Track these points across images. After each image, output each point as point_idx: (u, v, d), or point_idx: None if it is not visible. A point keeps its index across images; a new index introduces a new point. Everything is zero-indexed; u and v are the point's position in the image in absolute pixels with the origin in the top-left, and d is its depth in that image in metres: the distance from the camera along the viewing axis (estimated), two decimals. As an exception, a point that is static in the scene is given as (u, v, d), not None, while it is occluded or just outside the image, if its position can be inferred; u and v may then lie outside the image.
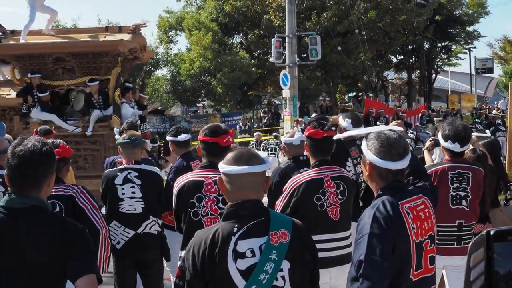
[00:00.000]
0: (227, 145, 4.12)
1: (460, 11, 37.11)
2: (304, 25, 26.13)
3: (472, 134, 5.40)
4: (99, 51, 12.56)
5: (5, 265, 2.53)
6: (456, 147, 4.50)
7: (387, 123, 18.07)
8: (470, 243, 1.79)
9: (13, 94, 12.30)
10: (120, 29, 12.98)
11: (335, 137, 4.07)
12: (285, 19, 21.14)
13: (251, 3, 28.60)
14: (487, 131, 7.81)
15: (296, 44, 20.64)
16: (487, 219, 5.14)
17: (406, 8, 28.61)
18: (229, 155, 2.70)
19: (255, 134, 18.59)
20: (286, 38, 20.15)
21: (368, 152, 2.91)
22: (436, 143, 8.66)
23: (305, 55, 23.09)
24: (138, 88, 14.10)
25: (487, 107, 32.44)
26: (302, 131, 6.45)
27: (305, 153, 4.79)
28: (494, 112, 26.08)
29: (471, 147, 6.31)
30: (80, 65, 12.48)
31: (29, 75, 12.00)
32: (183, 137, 5.77)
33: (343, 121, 5.48)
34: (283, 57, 20.41)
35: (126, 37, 12.55)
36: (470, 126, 5.90)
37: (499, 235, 1.59)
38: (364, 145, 2.97)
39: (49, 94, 12.08)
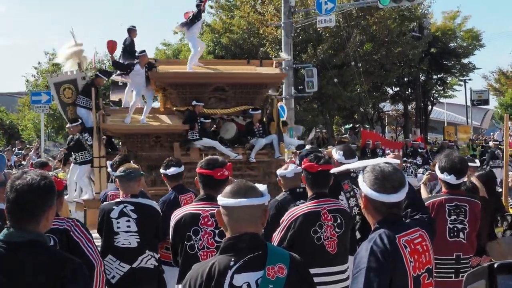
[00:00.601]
0: (223, 179, 4.10)
1: (455, 44, 37.49)
2: (301, 57, 26.34)
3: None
4: (261, 82, 13.59)
5: None
6: (452, 179, 4.50)
7: (383, 155, 18.12)
8: (466, 274, 1.78)
9: (165, 120, 12.67)
10: (261, 63, 13.88)
11: (332, 171, 4.06)
12: (281, 51, 21.33)
13: (247, 36, 28.86)
14: (476, 161, 7.81)
15: (292, 76, 20.81)
16: (483, 252, 5.12)
17: (401, 41, 28.90)
18: (227, 188, 2.72)
19: None
20: (283, 71, 20.28)
21: (363, 185, 2.91)
22: (433, 177, 8.69)
23: (301, 87, 23.22)
24: None
25: (483, 138, 32.56)
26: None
27: (302, 185, 4.79)
28: (491, 143, 26.17)
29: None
30: (235, 95, 13.16)
31: (193, 102, 12.47)
32: (171, 170, 5.77)
33: (335, 153, 5.48)
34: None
35: (274, 70, 13.63)
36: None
37: (503, 268, 1.58)
38: (360, 178, 2.97)
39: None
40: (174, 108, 12.87)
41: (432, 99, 40.30)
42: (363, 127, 32.80)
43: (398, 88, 37.40)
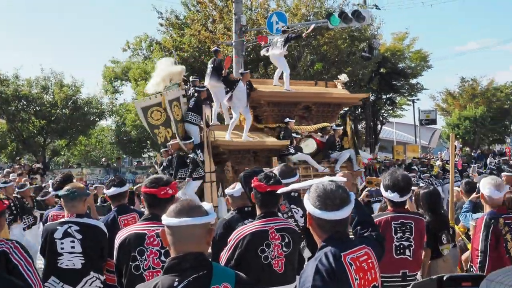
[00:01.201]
0: (166, 198, 4.04)
1: (404, 64, 38.39)
2: (252, 76, 26.44)
3: None
4: (341, 102, 15.82)
5: None
6: (395, 197, 4.53)
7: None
8: (412, 284, 1.78)
9: (259, 137, 13.75)
10: (326, 85, 15.77)
11: (279, 191, 4.03)
12: (232, 69, 21.34)
13: (198, 54, 28.83)
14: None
15: (243, 95, 20.78)
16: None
17: (351, 61, 29.38)
18: (171, 207, 2.69)
19: None
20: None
21: (307, 203, 2.90)
22: (371, 194, 8.81)
23: (252, 105, 23.26)
24: None
25: (430, 157, 33.20)
26: None
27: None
28: (438, 162, 26.82)
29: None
30: (316, 113, 14.81)
31: (286, 120, 13.86)
32: (111, 191, 5.67)
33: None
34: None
35: (343, 90, 15.45)
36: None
37: (451, 281, 1.58)
38: (305, 197, 2.96)
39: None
40: (264, 125, 14.05)
41: (381, 118, 41.06)
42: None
43: (347, 108, 37.93)
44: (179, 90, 13.22)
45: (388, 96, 39.69)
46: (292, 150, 13.65)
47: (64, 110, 28.68)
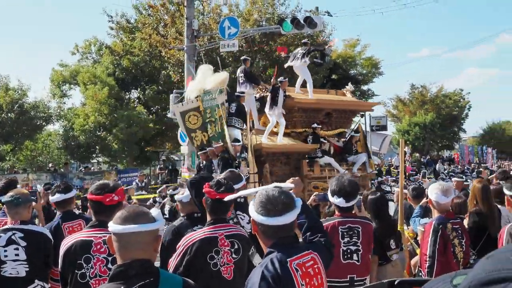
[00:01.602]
0: (112, 204, 3.96)
1: (355, 71, 38.97)
2: (200, 80, 26.35)
3: None
4: (357, 109, 17.87)
5: None
6: (341, 202, 4.53)
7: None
8: None
9: (287, 141, 14.71)
10: (336, 93, 17.50)
11: (225, 198, 4.00)
12: (184, 74, 21.20)
13: (149, 59, 28.59)
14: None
15: (194, 100, 20.66)
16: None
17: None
18: (118, 213, 2.66)
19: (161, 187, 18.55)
20: (185, 94, 20.11)
21: (251, 210, 2.91)
22: (320, 199, 8.87)
23: (204, 111, 23.16)
24: None
25: (381, 163, 33.70)
26: None
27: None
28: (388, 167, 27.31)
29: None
30: (336, 119, 16.18)
31: (314, 125, 14.94)
32: (55, 197, 5.56)
33: None
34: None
35: (352, 98, 17.07)
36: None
37: (404, 284, 1.59)
38: (251, 203, 2.97)
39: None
40: (291, 130, 15.07)
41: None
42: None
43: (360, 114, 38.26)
44: (224, 95, 13.86)
45: (339, 101, 40.12)
46: (319, 154, 14.84)
47: (9, 114, 27.92)
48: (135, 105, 30.06)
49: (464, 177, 13.89)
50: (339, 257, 4.55)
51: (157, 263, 3.09)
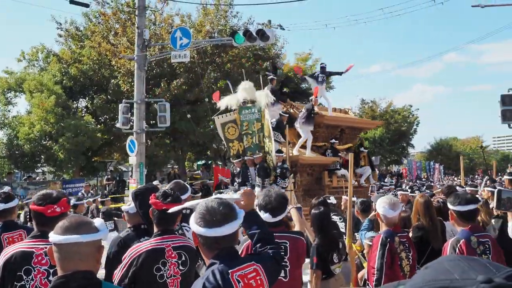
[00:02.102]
0: (54, 216, 3.80)
1: (306, 85, 39.30)
2: (154, 92, 26.10)
3: None
4: (364, 127, 20.96)
5: None
6: (268, 218, 4.35)
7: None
8: None
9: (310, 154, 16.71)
10: (340, 110, 20.34)
11: (170, 210, 3.89)
12: (133, 84, 20.93)
13: (98, 67, 28.14)
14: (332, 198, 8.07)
15: (144, 110, 20.40)
16: None
17: (254, 79, 29.65)
18: (59, 223, 2.61)
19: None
20: (134, 104, 19.86)
21: (191, 222, 2.92)
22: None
23: (153, 121, 22.93)
24: None
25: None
26: None
27: None
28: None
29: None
30: (346, 136, 18.57)
31: (332, 140, 17.43)
32: None
33: None
34: (131, 123, 20.07)
35: (352, 115, 20.37)
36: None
37: None
38: (192, 215, 2.96)
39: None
40: (312, 144, 16.77)
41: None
42: (215, 164, 33.01)
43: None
44: (267, 111, 15.82)
45: (291, 115, 40.36)
46: (338, 166, 17.08)
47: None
48: (83, 114, 29.46)
49: (409, 190, 14.18)
50: None
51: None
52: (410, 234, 6.02)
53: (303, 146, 16.77)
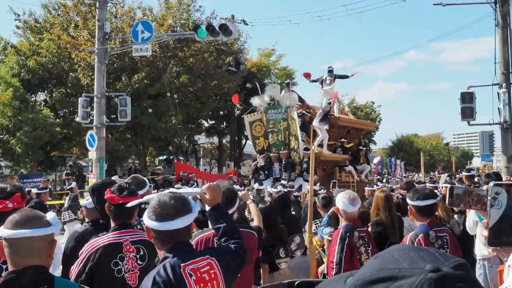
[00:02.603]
0: (6, 211, 3.69)
1: (270, 80, 39.34)
2: (115, 85, 25.77)
3: None
4: (364, 128, 23.80)
5: None
6: None
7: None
8: None
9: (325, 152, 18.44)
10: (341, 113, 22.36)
11: (129, 204, 3.82)
12: (94, 78, 20.64)
13: (57, 60, 27.63)
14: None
15: (104, 104, 20.15)
16: None
17: (217, 74, 29.60)
18: (10, 217, 2.55)
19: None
20: (95, 98, 19.60)
21: (144, 216, 2.91)
22: None
23: (114, 116, 22.64)
24: None
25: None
26: None
27: None
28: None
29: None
30: (350, 136, 20.66)
31: (342, 140, 20.08)
32: None
33: None
34: (91, 117, 19.79)
35: (351, 116, 23.67)
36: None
37: (304, 285, 1.58)
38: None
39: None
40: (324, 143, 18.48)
41: (246, 133, 41.58)
42: (177, 159, 32.84)
43: (213, 121, 38.12)
44: (296, 112, 17.82)
45: (253, 110, 40.32)
46: (347, 163, 19.26)
47: None
48: (41, 108, 28.90)
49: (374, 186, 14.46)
50: None
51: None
52: (369, 229, 6.07)
53: (320, 145, 18.35)
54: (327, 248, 6.29)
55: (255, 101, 18.53)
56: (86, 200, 5.17)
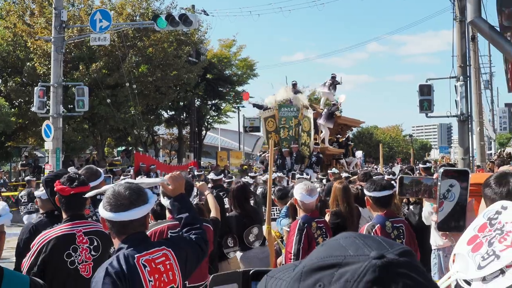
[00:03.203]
0: None
1: (230, 71, 39.20)
2: (72, 75, 25.28)
3: None
4: (352, 125, 26.73)
5: None
6: (166, 203, 4.31)
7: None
8: (212, 276, 1.75)
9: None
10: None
11: (86, 195, 3.75)
12: (50, 67, 20.22)
13: (13, 49, 26.94)
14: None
15: (61, 94, 19.81)
16: None
17: (177, 64, 29.32)
18: None
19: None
20: (51, 87, 19.24)
21: (100, 207, 2.90)
22: None
23: (71, 106, 22.22)
24: None
25: (254, 164, 34.07)
26: None
27: None
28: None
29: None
30: (341, 132, 23.85)
31: (338, 135, 22.88)
32: None
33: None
34: (47, 107, 19.40)
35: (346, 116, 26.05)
36: None
37: (257, 274, 1.58)
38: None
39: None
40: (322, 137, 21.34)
41: (206, 124, 41.47)
42: (136, 150, 32.49)
43: (173, 112, 37.83)
44: (310, 111, 20.72)
45: (213, 102, 40.23)
46: (342, 156, 22.36)
47: None
48: (-4, 97, 28.14)
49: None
50: None
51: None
52: (327, 218, 6.11)
53: (322, 140, 21.24)
54: (286, 239, 6.32)
55: (268, 100, 21.90)
56: (40, 191, 5.05)
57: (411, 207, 7.81)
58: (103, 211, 2.84)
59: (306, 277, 0.92)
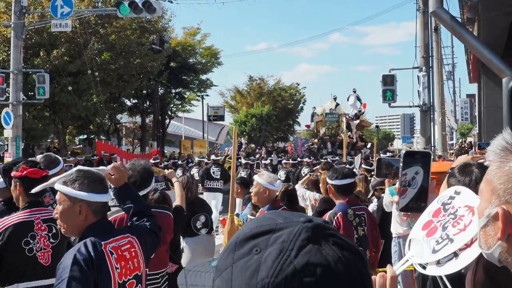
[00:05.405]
0: None
1: (194, 60, 38.91)
2: (32, 61, 24.74)
3: None
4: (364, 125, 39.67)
5: None
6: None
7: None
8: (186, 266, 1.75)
9: None
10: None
11: (35, 189, 3.68)
12: (10, 53, 19.78)
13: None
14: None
15: (21, 81, 19.42)
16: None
17: (140, 52, 28.97)
18: None
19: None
20: (11, 74, 18.87)
21: (68, 189, 2.85)
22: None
23: (32, 93, 21.79)
24: None
25: (218, 153, 33.95)
26: None
27: None
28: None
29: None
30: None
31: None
32: None
33: None
34: (7, 94, 19.00)
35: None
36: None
37: None
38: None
39: None
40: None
41: (170, 113, 41.15)
42: (98, 138, 32.08)
43: (136, 100, 37.44)
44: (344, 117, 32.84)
45: (177, 90, 39.95)
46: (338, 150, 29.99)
47: None
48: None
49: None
50: None
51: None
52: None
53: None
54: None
55: (318, 109, 36.33)
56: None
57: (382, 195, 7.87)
58: (76, 192, 2.80)
59: (241, 245, 1.00)
